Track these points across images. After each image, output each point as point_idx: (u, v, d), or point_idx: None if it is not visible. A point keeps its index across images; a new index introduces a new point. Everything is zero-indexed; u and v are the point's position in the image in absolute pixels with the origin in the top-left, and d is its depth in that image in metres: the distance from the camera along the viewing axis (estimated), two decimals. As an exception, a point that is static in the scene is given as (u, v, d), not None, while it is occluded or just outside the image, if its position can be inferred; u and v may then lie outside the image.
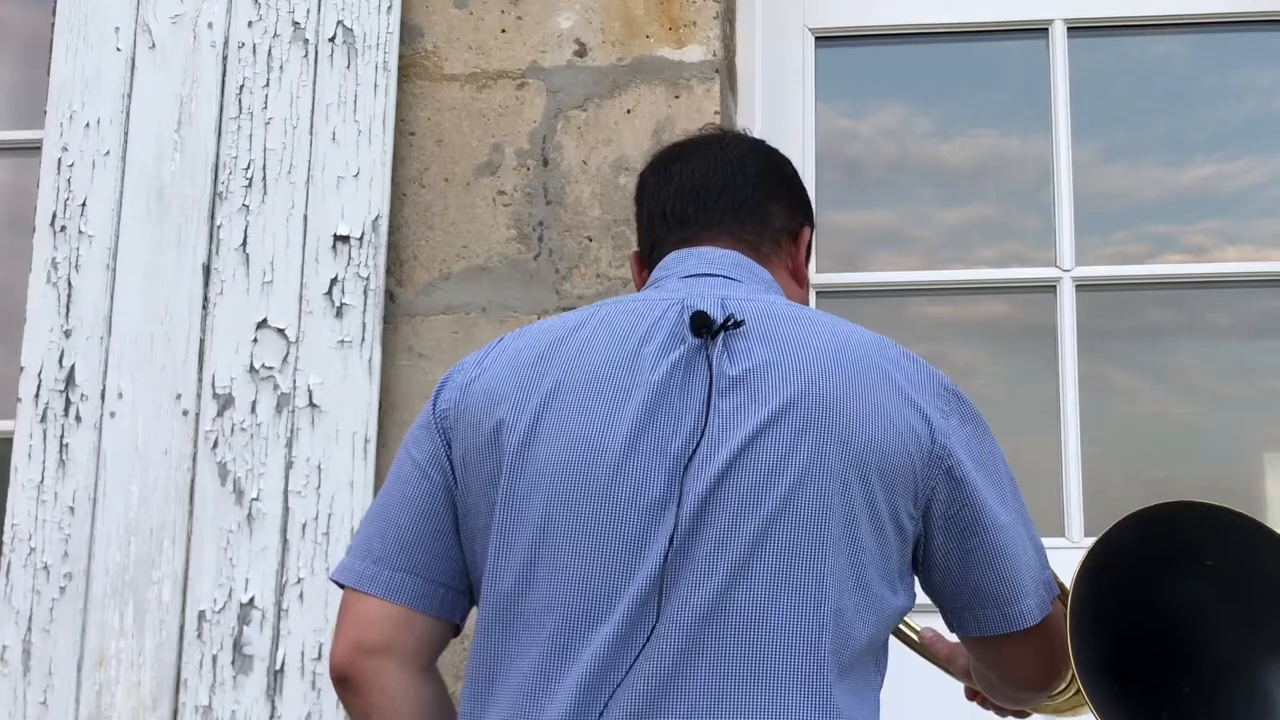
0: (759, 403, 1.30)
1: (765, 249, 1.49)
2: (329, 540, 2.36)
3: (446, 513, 1.38)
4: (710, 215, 1.48)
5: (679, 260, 1.47)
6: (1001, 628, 1.40)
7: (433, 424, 1.40)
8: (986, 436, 1.39)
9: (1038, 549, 1.43)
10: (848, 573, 1.28)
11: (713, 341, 1.32)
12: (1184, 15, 2.73)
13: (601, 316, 1.40)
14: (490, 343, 1.45)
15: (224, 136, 2.51)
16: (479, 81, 2.55)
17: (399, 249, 2.50)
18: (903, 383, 1.34)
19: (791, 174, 1.57)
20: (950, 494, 1.34)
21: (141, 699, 2.35)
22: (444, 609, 1.40)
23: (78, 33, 2.56)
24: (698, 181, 1.50)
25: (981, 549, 1.37)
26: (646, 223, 1.54)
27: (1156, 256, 2.73)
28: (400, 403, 2.44)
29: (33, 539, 2.41)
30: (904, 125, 2.85)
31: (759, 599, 1.26)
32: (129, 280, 2.47)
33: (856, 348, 1.35)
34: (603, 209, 2.47)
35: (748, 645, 1.26)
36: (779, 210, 1.52)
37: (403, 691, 1.37)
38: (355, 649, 1.37)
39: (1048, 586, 1.43)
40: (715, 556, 1.27)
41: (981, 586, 1.38)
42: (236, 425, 2.40)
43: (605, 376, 1.34)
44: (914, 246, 2.80)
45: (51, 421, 2.44)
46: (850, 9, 2.76)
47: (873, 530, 1.30)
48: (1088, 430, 2.54)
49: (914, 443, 1.32)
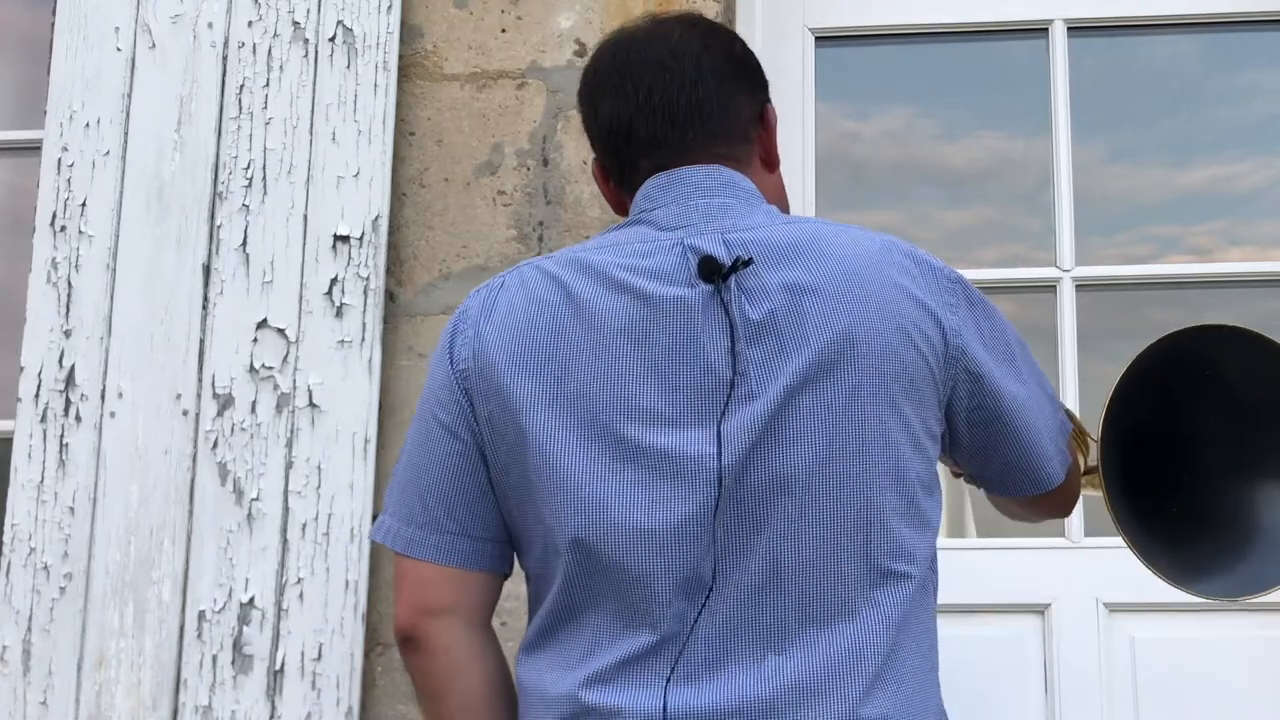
0: (789, 350, 1.31)
1: (740, 150, 1.48)
2: (329, 540, 2.35)
3: (481, 470, 1.40)
4: (683, 134, 1.45)
5: (662, 187, 1.44)
6: (1031, 490, 1.50)
7: (453, 383, 1.40)
8: (992, 313, 1.45)
9: (1051, 400, 1.50)
10: (896, 499, 1.32)
11: (725, 285, 1.33)
12: (1186, 15, 2.73)
13: (606, 261, 1.39)
14: (491, 282, 1.44)
15: (224, 136, 2.51)
16: (479, 81, 2.55)
17: (399, 249, 2.50)
18: (912, 288, 1.37)
19: (741, 51, 1.53)
20: (970, 388, 1.40)
21: (141, 699, 2.35)
22: (493, 562, 1.43)
23: (78, 33, 2.56)
24: (659, 100, 1.45)
25: (1004, 431, 1.44)
26: (607, 136, 1.49)
27: (1160, 258, 2.73)
28: (400, 403, 2.44)
29: (33, 539, 2.41)
30: (904, 125, 2.85)
31: (811, 543, 1.30)
32: (129, 280, 2.47)
33: (867, 265, 1.36)
34: (603, 209, 2.47)
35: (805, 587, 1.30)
36: (743, 101, 1.50)
37: (466, 650, 1.41)
38: (418, 610, 1.41)
39: (1064, 432, 1.51)
40: (763, 507, 1.29)
41: (1009, 461, 1.47)
42: (236, 425, 2.40)
43: (620, 326, 1.34)
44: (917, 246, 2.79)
45: (51, 421, 2.44)
46: (850, 9, 2.76)
47: (912, 448, 1.34)
48: (1087, 430, 2.54)
49: (931, 352, 1.36)
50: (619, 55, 1.50)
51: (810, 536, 1.30)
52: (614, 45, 1.52)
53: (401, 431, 2.41)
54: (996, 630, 2.09)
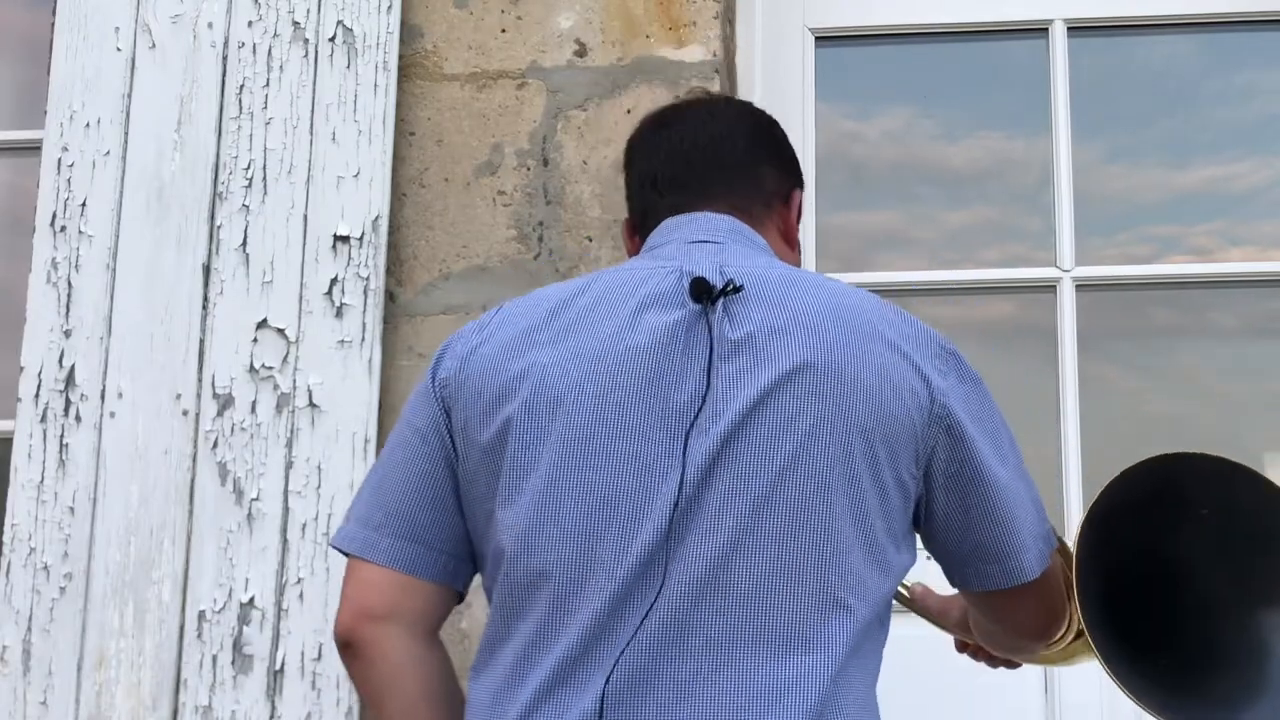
0: (761, 366, 1.31)
1: (758, 212, 1.50)
2: (329, 540, 2.35)
3: (447, 480, 1.39)
4: (703, 181, 1.48)
5: (674, 227, 1.47)
6: (1003, 582, 1.42)
7: (431, 392, 1.41)
8: (984, 394, 1.41)
9: (1036, 504, 1.45)
10: (856, 533, 1.29)
11: (713, 307, 1.33)
12: (1185, 15, 2.72)
13: (602, 284, 1.40)
14: (490, 310, 1.45)
15: (224, 136, 2.51)
16: (479, 81, 2.55)
17: (399, 249, 2.50)
18: (901, 343, 1.36)
19: (781, 136, 1.57)
20: (950, 452, 1.36)
21: (141, 699, 2.35)
22: (446, 575, 1.40)
23: (78, 33, 2.56)
24: (688, 148, 1.50)
25: (982, 506, 1.38)
26: (637, 190, 1.53)
27: (1160, 258, 2.73)
28: (400, 403, 2.42)
29: (33, 539, 2.41)
30: (904, 125, 2.85)
31: (765, 560, 1.27)
32: (129, 280, 2.47)
33: (855, 309, 1.36)
34: (603, 209, 2.47)
35: (754, 605, 1.27)
36: (770, 173, 1.53)
37: (407, 657, 1.38)
38: (358, 615, 1.38)
39: (1046, 540, 1.45)
40: (720, 518, 1.28)
41: (982, 542, 1.40)
42: (236, 425, 2.40)
43: (605, 343, 1.34)
44: (917, 248, 2.79)
45: (51, 421, 2.44)
46: (850, 9, 2.76)
47: (877, 492, 1.31)
48: (1088, 430, 2.54)
49: (914, 402, 1.33)
50: (663, 114, 1.57)
51: (765, 555, 1.27)
52: (661, 108, 1.59)
53: (401, 431, 2.42)
54: (996, 630, 2.10)
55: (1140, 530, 1.46)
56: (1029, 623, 1.51)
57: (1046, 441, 2.53)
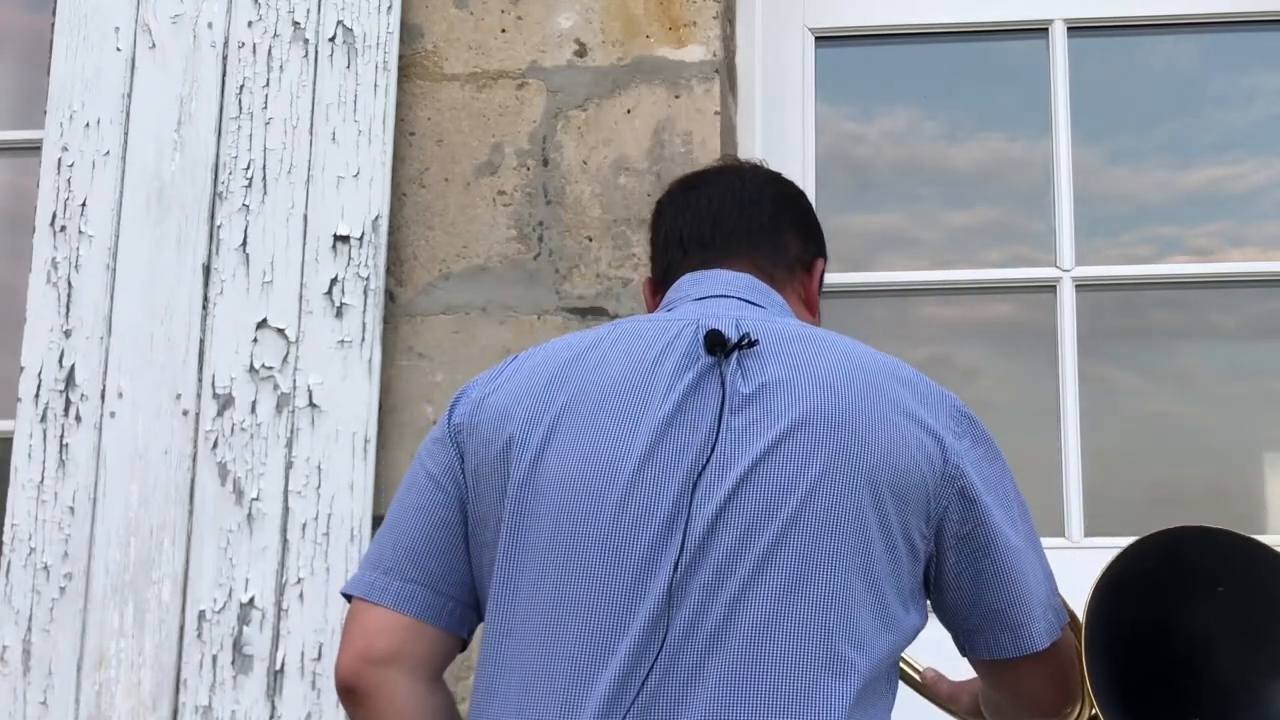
0: (771, 420, 1.30)
1: (780, 275, 1.51)
2: (329, 540, 2.35)
3: (459, 525, 1.38)
4: (727, 241, 1.50)
5: (694, 282, 1.48)
6: (1012, 651, 1.41)
7: (447, 438, 1.41)
8: (997, 459, 1.40)
9: (1047, 575, 1.44)
10: (862, 588, 1.29)
11: (726, 360, 1.33)
12: (1187, 15, 2.72)
13: (617, 335, 1.40)
14: (507, 359, 1.46)
15: (224, 136, 2.51)
16: (479, 81, 2.55)
17: (399, 249, 2.50)
18: (914, 404, 1.35)
19: (807, 207, 1.60)
20: (963, 514, 1.35)
21: (141, 699, 2.35)
22: (452, 622, 1.39)
23: (78, 33, 2.56)
24: (715, 208, 1.52)
25: (993, 570, 1.37)
26: (663, 247, 1.55)
27: (1162, 259, 2.72)
28: (400, 403, 2.44)
29: (33, 539, 2.41)
30: (904, 125, 2.85)
31: (767, 615, 1.26)
32: (129, 280, 2.47)
33: (869, 368, 1.36)
34: (603, 209, 2.47)
35: (757, 661, 1.25)
36: (794, 240, 1.55)
37: (410, 702, 1.37)
38: (361, 659, 1.37)
39: (1057, 612, 1.44)
40: (723, 574, 1.27)
41: (993, 608, 1.39)
42: (236, 425, 2.40)
43: (618, 395, 1.34)
44: (920, 249, 2.79)
45: (51, 421, 2.44)
46: (850, 9, 2.75)
47: (885, 548, 1.30)
48: (1088, 430, 2.54)
49: (926, 462, 1.33)
50: (693, 177, 1.60)
51: (767, 607, 1.26)
52: (691, 174, 1.61)
53: (402, 431, 2.42)
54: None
55: (1152, 605, 1.44)
56: (1039, 696, 1.48)
57: (1046, 441, 2.53)
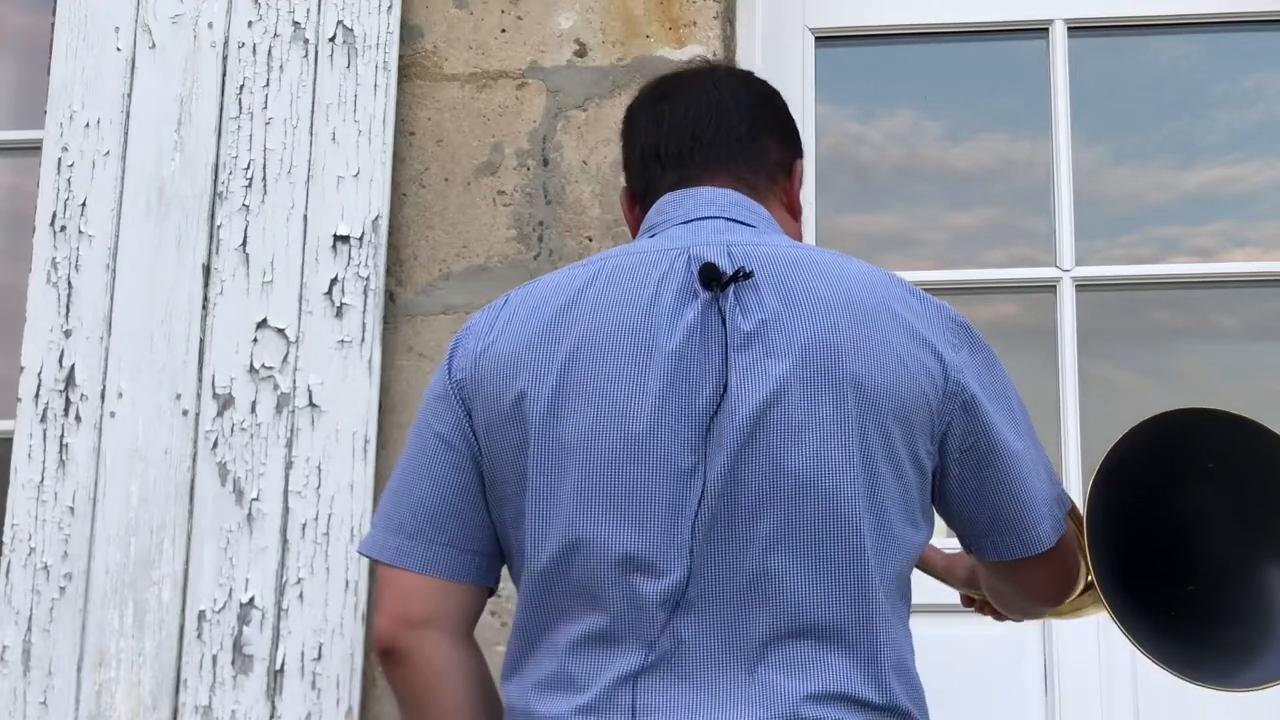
0: (774, 358, 1.31)
1: (762, 186, 1.49)
2: (329, 540, 2.35)
3: (475, 482, 1.39)
4: (706, 154, 1.48)
5: (675, 203, 1.46)
6: (1020, 552, 1.44)
7: (450, 394, 1.40)
8: (995, 364, 1.42)
9: (1048, 469, 1.46)
10: (871, 519, 1.30)
11: (724, 294, 1.33)
12: (1188, 15, 2.72)
13: (609, 272, 1.39)
14: (497, 301, 1.44)
15: (224, 136, 2.51)
16: (479, 81, 2.55)
17: (399, 249, 2.50)
18: (912, 320, 1.36)
19: (781, 105, 1.56)
20: (966, 426, 1.37)
21: (141, 699, 2.35)
22: (480, 575, 1.41)
23: (78, 33, 2.57)
24: (691, 120, 1.49)
25: (997, 477, 1.39)
26: (639, 162, 1.52)
27: (1164, 259, 2.72)
28: (400, 403, 2.44)
29: (33, 539, 2.41)
30: (904, 126, 2.85)
31: (800, 555, 1.28)
32: (129, 280, 2.47)
33: (865, 289, 1.36)
34: (603, 209, 2.47)
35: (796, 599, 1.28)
36: (773, 145, 1.52)
37: (449, 661, 1.39)
38: (399, 622, 1.39)
39: (1060, 503, 1.46)
40: (751, 518, 1.28)
41: (999, 513, 1.41)
42: (236, 425, 2.40)
43: (622, 337, 1.34)
44: (921, 249, 2.79)
45: (51, 421, 2.44)
46: (850, 9, 2.75)
47: (893, 474, 1.32)
48: (1088, 430, 2.54)
49: (928, 381, 1.34)
50: (664, 84, 1.56)
51: (793, 548, 1.29)
52: (661, 78, 1.57)
53: (402, 431, 2.42)
54: (997, 630, 2.09)
55: (1152, 485, 1.47)
56: (1044, 588, 1.52)
57: (1047, 441, 2.49)
